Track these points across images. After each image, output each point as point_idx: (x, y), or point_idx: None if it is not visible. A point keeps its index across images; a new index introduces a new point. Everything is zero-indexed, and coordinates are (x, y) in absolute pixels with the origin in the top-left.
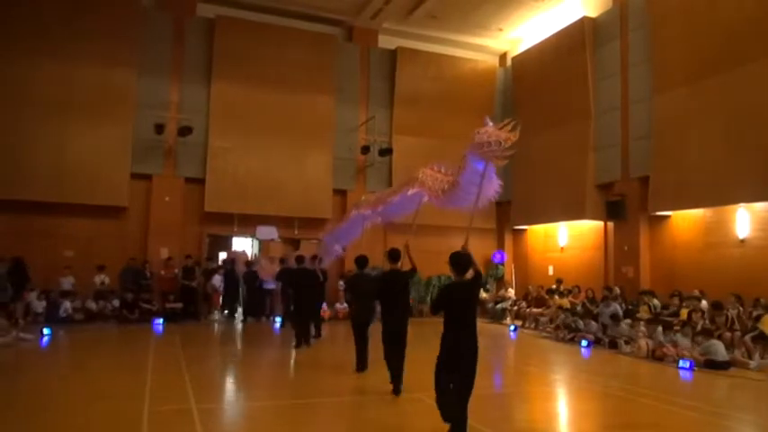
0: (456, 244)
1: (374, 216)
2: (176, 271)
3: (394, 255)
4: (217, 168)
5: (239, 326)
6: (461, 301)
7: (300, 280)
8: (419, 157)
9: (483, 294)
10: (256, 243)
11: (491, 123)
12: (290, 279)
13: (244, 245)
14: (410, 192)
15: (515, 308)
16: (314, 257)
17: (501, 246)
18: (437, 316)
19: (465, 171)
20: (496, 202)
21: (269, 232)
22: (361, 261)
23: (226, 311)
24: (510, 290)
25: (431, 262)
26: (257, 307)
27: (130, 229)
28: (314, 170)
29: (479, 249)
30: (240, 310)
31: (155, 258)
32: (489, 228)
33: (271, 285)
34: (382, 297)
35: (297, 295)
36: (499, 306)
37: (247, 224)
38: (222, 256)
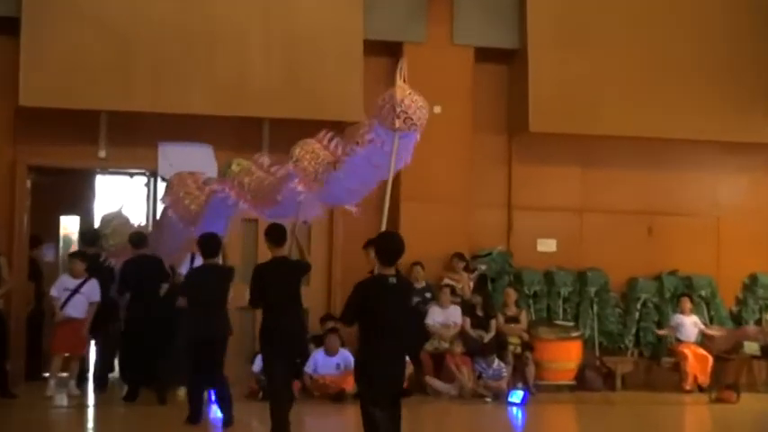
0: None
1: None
2: None
3: (276, 234)
4: None
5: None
6: (394, 302)
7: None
8: None
9: (712, 332)
10: (161, 187)
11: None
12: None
13: (123, 192)
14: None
15: None
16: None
17: None
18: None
19: (355, 148)
20: None
21: (191, 157)
22: (210, 245)
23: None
24: None
25: (632, 239)
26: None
27: None
28: None
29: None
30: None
31: None
32: (753, 142)
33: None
34: (266, 296)
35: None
36: None
37: (136, 139)
38: (68, 223)
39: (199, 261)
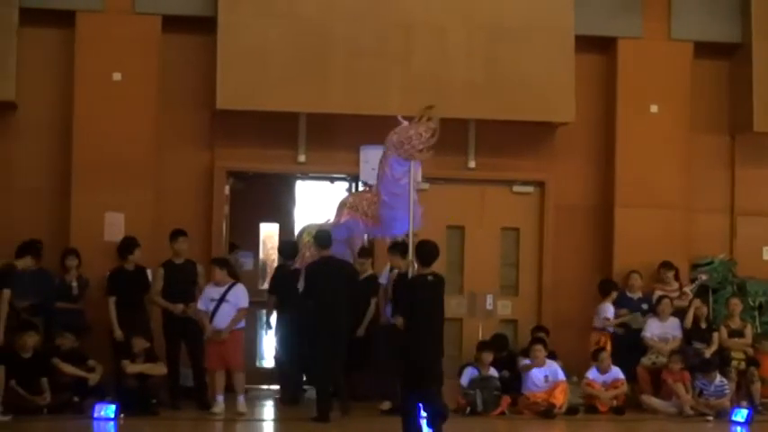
0: None
1: None
2: (148, 274)
3: (323, 238)
4: None
5: None
6: (431, 296)
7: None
8: None
9: None
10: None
11: (405, 122)
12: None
13: (323, 198)
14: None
15: None
16: None
17: None
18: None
19: (383, 181)
20: None
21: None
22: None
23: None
24: None
25: None
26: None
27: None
28: None
29: None
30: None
31: (89, 239)
32: None
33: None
34: (314, 293)
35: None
36: None
37: (335, 142)
38: (267, 229)
39: None
